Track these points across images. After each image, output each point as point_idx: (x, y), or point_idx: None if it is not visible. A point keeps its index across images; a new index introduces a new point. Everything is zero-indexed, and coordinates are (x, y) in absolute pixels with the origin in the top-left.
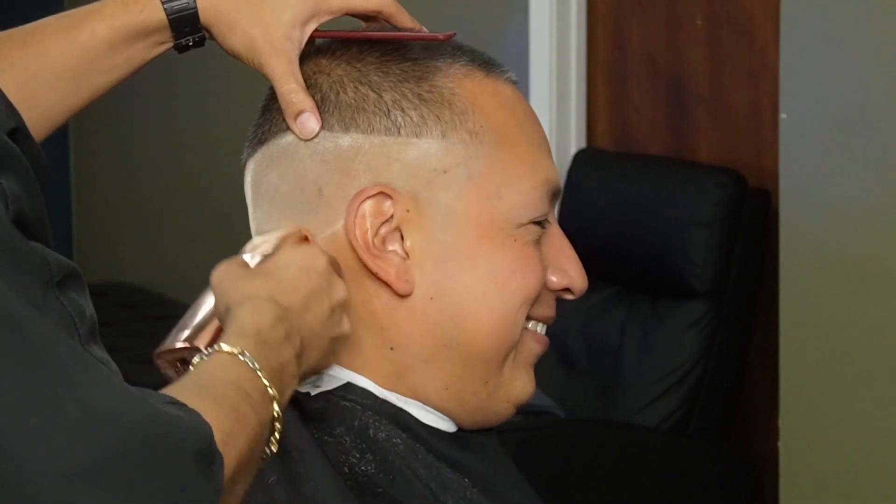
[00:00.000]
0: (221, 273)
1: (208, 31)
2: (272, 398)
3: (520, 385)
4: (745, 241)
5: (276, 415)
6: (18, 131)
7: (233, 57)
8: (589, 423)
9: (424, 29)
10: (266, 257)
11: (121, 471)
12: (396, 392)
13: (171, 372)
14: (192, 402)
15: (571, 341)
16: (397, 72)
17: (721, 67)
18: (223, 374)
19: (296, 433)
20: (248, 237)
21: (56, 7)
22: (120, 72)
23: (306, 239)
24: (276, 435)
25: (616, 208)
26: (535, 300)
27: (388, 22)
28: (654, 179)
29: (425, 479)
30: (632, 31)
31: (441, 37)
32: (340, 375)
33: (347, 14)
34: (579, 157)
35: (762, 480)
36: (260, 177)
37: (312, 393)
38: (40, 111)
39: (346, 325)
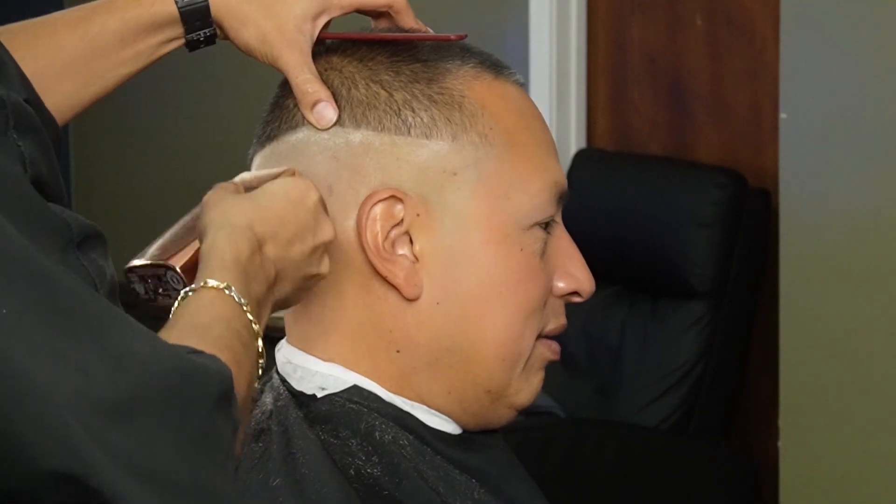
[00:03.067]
0: (212, 194)
1: (220, 26)
2: (257, 334)
3: (526, 394)
4: (745, 241)
5: (259, 350)
6: (30, 101)
7: (244, 52)
8: (589, 423)
9: (430, 30)
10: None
11: (145, 412)
12: (402, 395)
13: (140, 288)
14: (197, 346)
15: (571, 341)
16: (408, 72)
17: (721, 67)
18: (213, 311)
19: (301, 435)
20: None
21: (55, 6)
22: (129, 67)
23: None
24: (259, 371)
25: (616, 208)
26: (543, 312)
27: (394, 19)
28: (654, 179)
29: (433, 481)
30: (632, 31)
31: (453, 37)
32: (346, 378)
33: (358, 10)
34: (579, 157)
35: (762, 480)
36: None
37: (318, 395)
38: (49, 104)
39: (325, 266)
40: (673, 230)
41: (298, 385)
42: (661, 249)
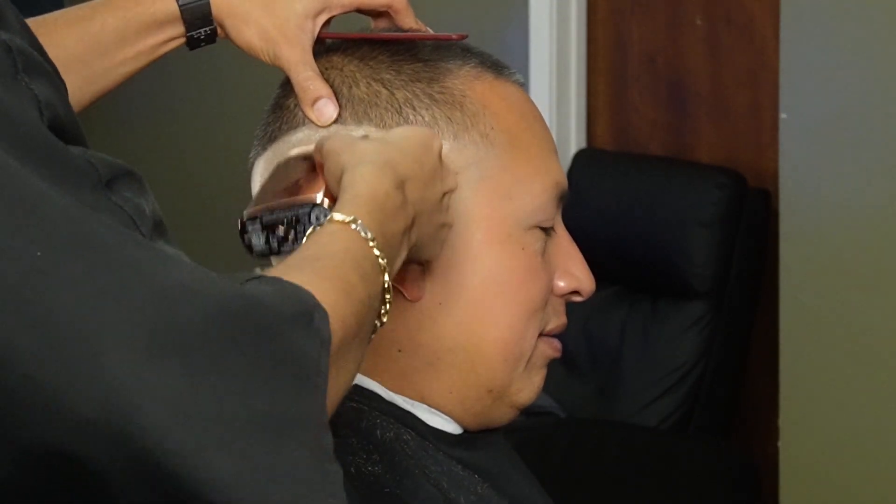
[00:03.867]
0: (334, 141)
1: (221, 24)
2: (383, 269)
3: (528, 392)
4: (745, 241)
5: (385, 286)
6: (35, 48)
7: (245, 51)
8: (589, 423)
9: (430, 30)
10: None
11: (203, 345)
12: (403, 395)
13: (259, 238)
14: (293, 277)
15: (571, 341)
16: (409, 71)
17: (721, 67)
18: (333, 244)
19: None
20: None
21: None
22: (130, 66)
23: None
24: (387, 306)
25: (616, 208)
26: (544, 311)
27: (394, 19)
28: (654, 179)
29: (435, 477)
30: (632, 32)
31: (454, 37)
32: None
33: (358, 9)
34: (579, 157)
35: (762, 480)
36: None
37: None
38: None
39: (451, 217)
40: (673, 230)
41: None
42: (661, 249)
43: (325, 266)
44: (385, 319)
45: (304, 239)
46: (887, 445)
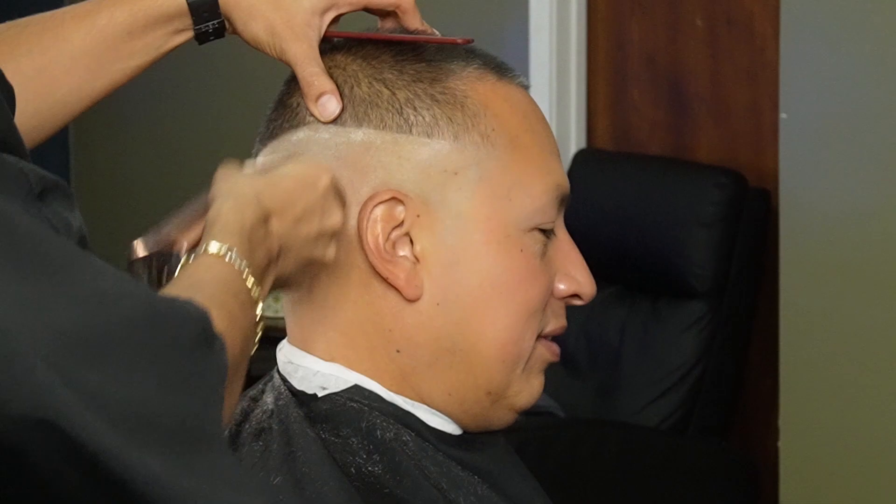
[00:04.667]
0: (221, 170)
1: (228, 18)
2: (255, 300)
3: (526, 395)
4: (745, 241)
5: (258, 316)
6: None
7: (252, 45)
8: (589, 423)
9: (436, 32)
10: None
11: (119, 349)
12: (403, 395)
13: (144, 276)
14: None
15: (571, 341)
16: (411, 72)
17: (721, 67)
18: (210, 275)
19: (302, 434)
20: None
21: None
22: (138, 60)
23: None
24: (258, 336)
25: (616, 208)
26: (543, 313)
27: (401, 19)
28: (654, 179)
29: (435, 478)
30: (632, 31)
31: (459, 41)
32: (348, 378)
33: (365, 8)
34: (579, 157)
35: (762, 480)
36: None
37: (319, 395)
38: (58, 97)
39: (330, 252)
40: (673, 230)
41: (299, 385)
42: (661, 249)
43: (209, 295)
44: (254, 350)
45: (178, 269)
46: (887, 445)
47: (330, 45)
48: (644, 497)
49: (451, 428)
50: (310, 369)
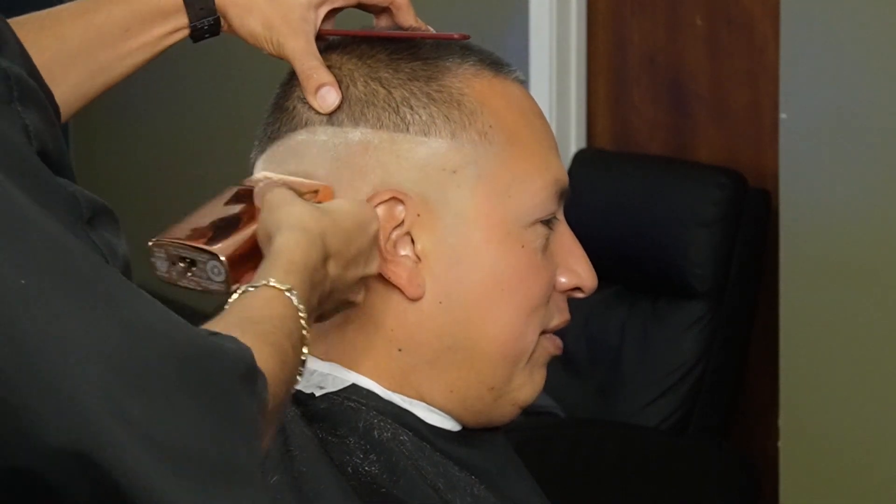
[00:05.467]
0: (276, 194)
1: (224, 15)
2: (306, 342)
3: (529, 389)
4: (745, 241)
5: (303, 358)
6: (31, 74)
7: (249, 41)
8: (589, 423)
9: (431, 28)
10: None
11: (165, 382)
12: (401, 393)
13: (162, 265)
14: (239, 338)
15: (571, 341)
16: (407, 70)
17: (721, 67)
18: (269, 309)
19: (299, 433)
20: None
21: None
22: (136, 57)
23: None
24: (299, 378)
25: (616, 208)
26: (546, 307)
27: (395, 16)
28: (654, 179)
29: (432, 478)
30: (632, 31)
31: (456, 36)
32: (345, 377)
33: (360, 4)
34: (579, 157)
35: (762, 480)
36: (271, 172)
37: (317, 394)
38: (56, 96)
39: (361, 297)
40: (673, 230)
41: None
42: (661, 249)
43: (265, 331)
44: (294, 388)
45: (237, 295)
46: (887, 445)
47: (325, 45)
48: (644, 497)
49: (449, 424)
50: (307, 368)
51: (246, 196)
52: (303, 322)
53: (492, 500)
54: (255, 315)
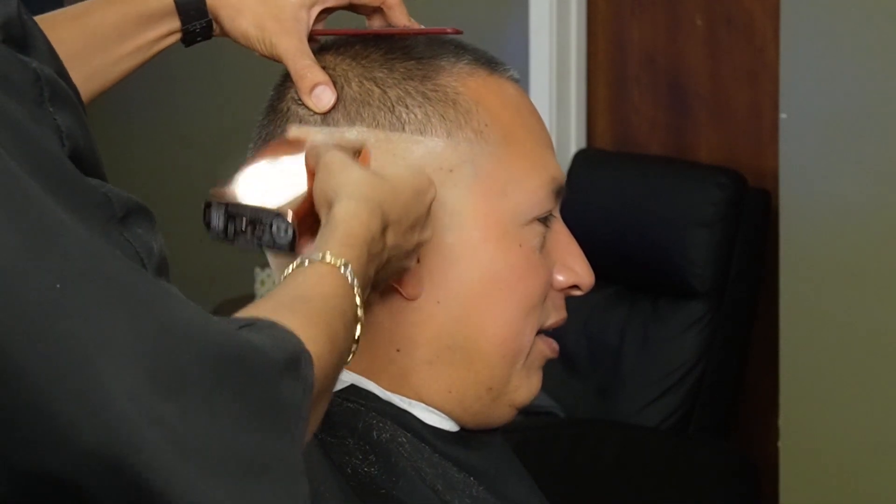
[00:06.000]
0: (332, 156)
1: (216, 17)
2: (360, 319)
3: (525, 391)
4: (745, 241)
5: (356, 337)
6: (61, 74)
7: (241, 42)
8: (589, 423)
9: (423, 27)
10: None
11: (200, 383)
12: (400, 394)
13: (219, 222)
14: (285, 319)
15: (571, 341)
16: (402, 69)
17: (721, 67)
18: (322, 286)
19: None
20: None
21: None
22: (130, 61)
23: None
24: (351, 356)
25: (616, 208)
26: (543, 306)
27: (387, 16)
28: (654, 179)
29: (430, 479)
30: (632, 32)
31: (449, 30)
32: (344, 378)
33: (351, 4)
34: (579, 157)
35: (762, 480)
36: None
37: None
38: None
39: (414, 261)
40: (673, 230)
41: None
42: (661, 249)
43: (315, 310)
44: (349, 364)
45: (290, 269)
46: (887, 445)
47: (318, 45)
48: (644, 497)
49: (448, 425)
50: None
51: (289, 150)
52: (357, 300)
53: (491, 501)
54: (308, 292)
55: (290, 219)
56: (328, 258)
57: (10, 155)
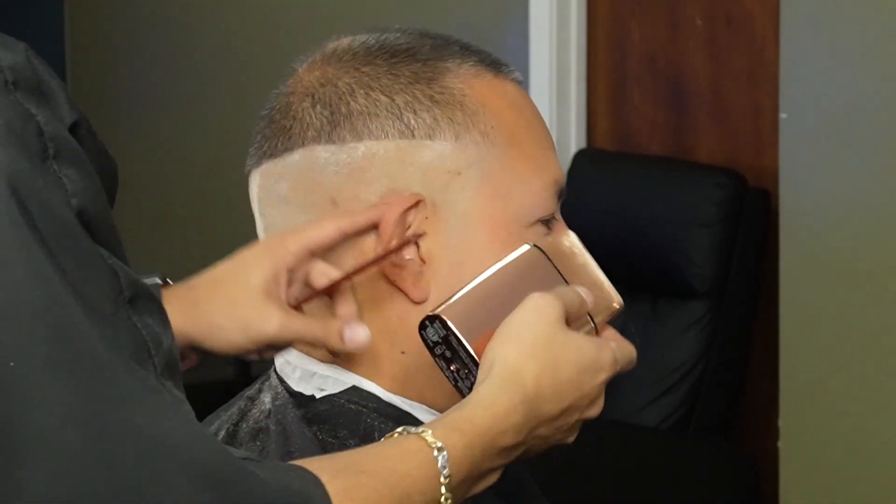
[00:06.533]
0: (538, 314)
1: (198, 346)
2: None
3: None
4: (745, 241)
5: None
6: (80, 125)
7: (237, 353)
8: (589, 423)
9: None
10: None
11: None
12: (403, 395)
13: (434, 338)
14: (324, 477)
15: None
16: (408, 73)
17: (721, 67)
18: (398, 462)
19: (299, 434)
20: (254, 236)
21: (56, 10)
22: None
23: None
24: None
25: (616, 208)
26: None
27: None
28: (654, 179)
29: None
30: (632, 32)
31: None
32: (346, 379)
33: (311, 253)
34: (579, 157)
35: (762, 480)
36: (268, 188)
37: (317, 396)
38: None
39: (571, 439)
40: (673, 230)
41: (297, 385)
42: (661, 249)
43: (363, 485)
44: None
45: (398, 432)
46: (887, 445)
47: (320, 56)
48: (644, 497)
49: None
50: (308, 370)
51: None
52: (443, 489)
53: (490, 502)
54: (372, 465)
55: (477, 367)
56: (426, 436)
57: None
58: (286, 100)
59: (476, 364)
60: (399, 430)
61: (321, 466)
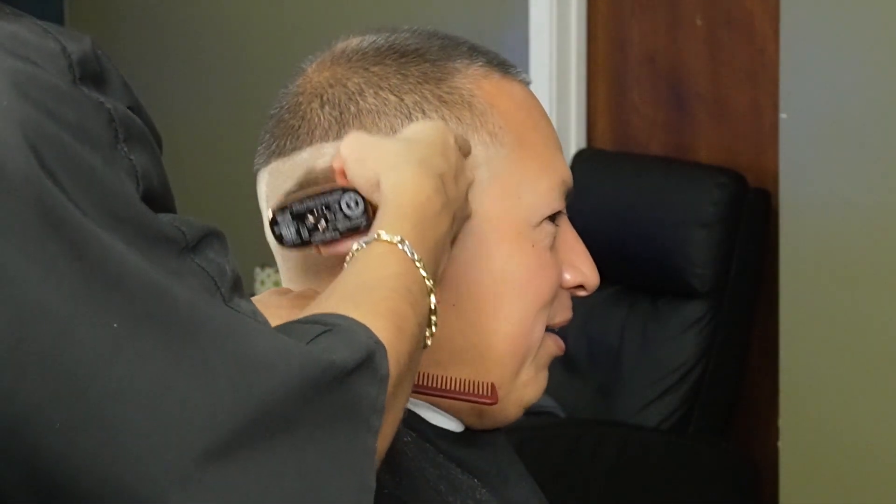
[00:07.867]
0: (354, 145)
1: None
2: (429, 290)
3: (533, 389)
4: (745, 241)
5: (432, 307)
6: (133, 109)
7: None
8: (589, 423)
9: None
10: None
11: (281, 420)
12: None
13: (290, 230)
14: (351, 314)
15: (571, 341)
16: (417, 73)
17: (721, 67)
18: (383, 268)
19: None
20: (261, 235)
21: (55, 8)
22: None
23: None
24: (433, 328)
25: (616, 208)
26: (552, 305)
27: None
28: (654, 179)
29: (434, 480)
30: (632, 32)
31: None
32: None
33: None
34: (579, 157)
35: (762, 480)
36: (276, 186)
37: None
38: None
39: (470, 209)
40: (673, 230)
41: None
42: (661, 249)
43: (379, 298)
44: (429, 342)
45: (351, 255)
46: (887, 445)
47: (329, 56)
48: (644, 497)
49: (453, 426)
50: None
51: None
52: (422, 272)
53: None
54: (369, 279)
55: (354, 188)
56: (383, 237)
57: (78, 203)
58: (295, 100)
59: (336, 191)
60: (355, 246)
61: (340, 303)
